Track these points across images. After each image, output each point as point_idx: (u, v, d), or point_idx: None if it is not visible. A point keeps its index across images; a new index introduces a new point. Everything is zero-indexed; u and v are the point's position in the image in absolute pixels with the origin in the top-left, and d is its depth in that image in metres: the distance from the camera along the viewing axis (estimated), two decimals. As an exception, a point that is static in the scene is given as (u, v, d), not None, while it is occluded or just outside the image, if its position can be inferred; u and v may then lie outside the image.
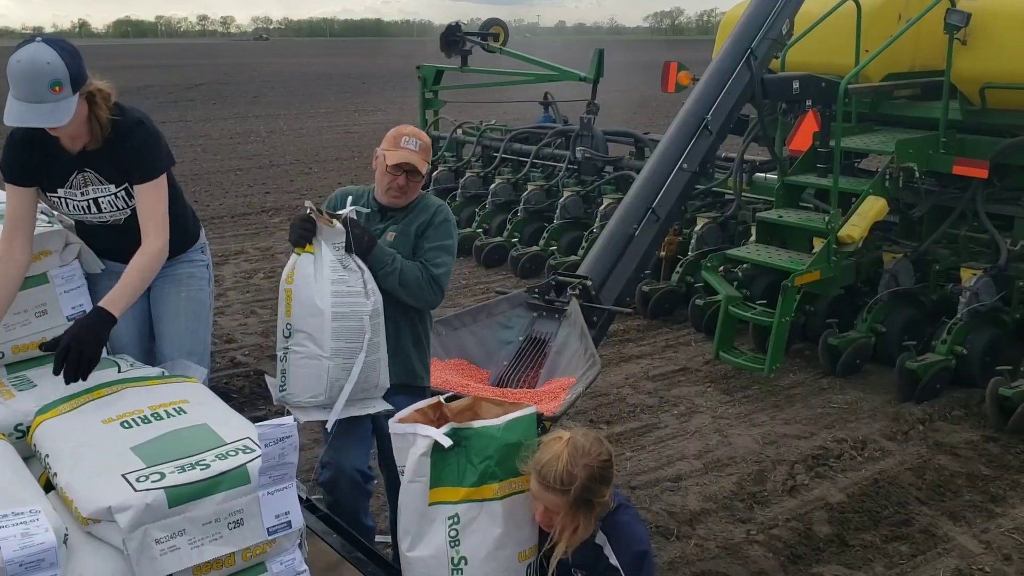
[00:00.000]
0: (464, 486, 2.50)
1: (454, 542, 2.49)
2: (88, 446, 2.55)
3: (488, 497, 2.52)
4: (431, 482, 2.52)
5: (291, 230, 3.49)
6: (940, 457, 5.51)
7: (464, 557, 2.50)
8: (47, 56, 3.08)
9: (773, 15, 6.46)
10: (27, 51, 3.08)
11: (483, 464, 2.52)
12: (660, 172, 5.79)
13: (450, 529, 2.50)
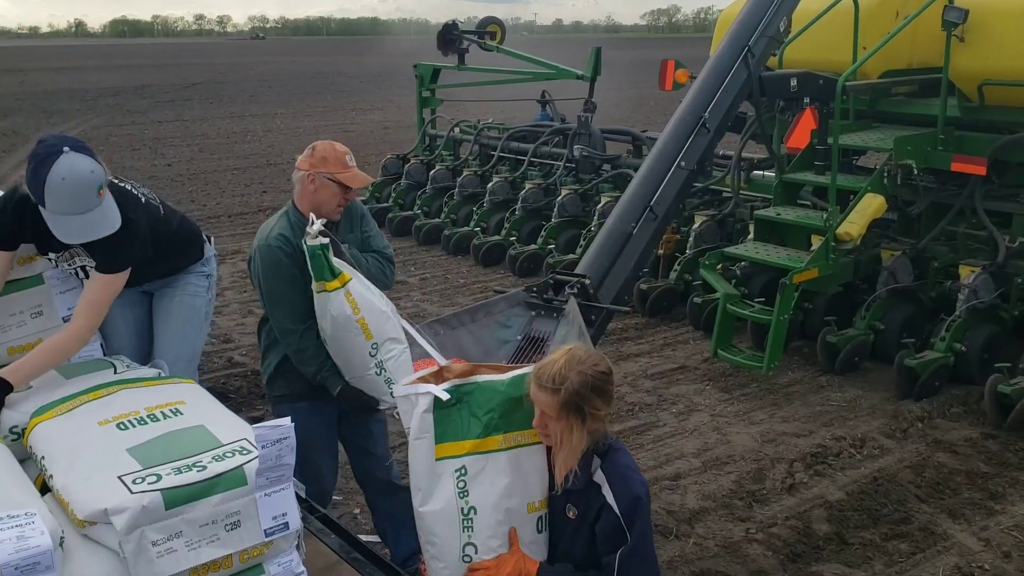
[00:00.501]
0: (469, 439, 2.55)
1: (462, 493, 2.53)
2: (84, 448, 2.53)
3: (493, 448, 2.56)
4: (436, 438, 2.57)
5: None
6: (939, 455, 5.50)
7: (473, 507, 2.53)
8: (88, 165, 3.04)
9: (771, 12, 6.43)
10: (65, 166, 3.00)
11: (487, 416, 2.58)
12: (658, 170, 5.76)
13: (458, 481, 2.54)
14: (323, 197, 3.72)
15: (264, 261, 3.69)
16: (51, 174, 2.98)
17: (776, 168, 7.59)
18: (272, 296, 3.73)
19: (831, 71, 6.97)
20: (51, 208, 3.01)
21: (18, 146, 19.60)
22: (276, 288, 3.71)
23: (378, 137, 20.77)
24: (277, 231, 3.72)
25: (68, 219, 3.03)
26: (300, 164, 3.76)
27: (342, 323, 3.56)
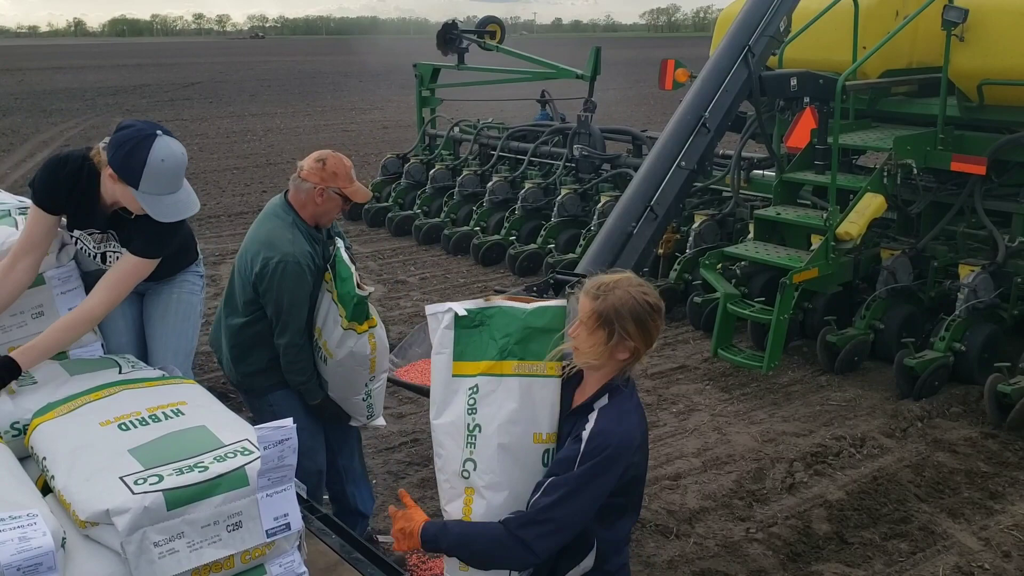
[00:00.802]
0: (485, 360, 2.62)
1: (471, 410, 2.60)
2: (86, 448, 2.53)
3: (506, 373, 2.61)
4: (455, 355, 2.65)
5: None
6: (939, 454, 5.50)
7: (479, 424, 2.59)
8: (180, 148, 3.18)
9: (771, 12, 6.45)
10: (164, 149, 3.11)
11: (503, 340, 2.63)
12: (658, 170, 5.78)
13: (469, 398, 2.61)
14: (328, 208, 3.88)
15: (288, 274, 3.75)
16: (151, 156, 3.08)
17: (776, 167, 7.60)
18: (289, 309, 3.80)
19: (831, 71, 6.97)
20: (146, 189, 3.12)
21: (17, 145, 19.60)
22: (295, 303, 3.79)
23: (378, 136, 20.77)
24: (301, 247, 3.80)
25: (163, 199, 3.15)
26: (309, 176, 3.82)
27: (358, 359, 3.81)
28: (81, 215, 3.42)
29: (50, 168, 3.34)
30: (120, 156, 3.12)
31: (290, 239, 3.80)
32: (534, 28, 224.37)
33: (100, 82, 40.56)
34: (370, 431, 5.75)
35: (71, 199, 3.34)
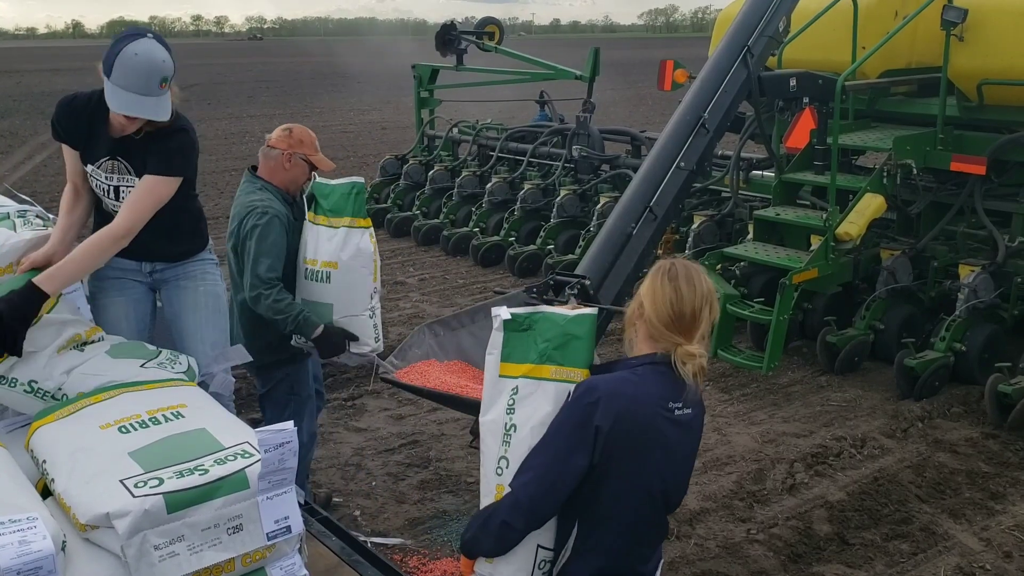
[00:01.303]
0: (527, 363, 2.72)
1: (510, 410, 2.68)
2: (86, 451, 2.52)
3: (545, 377, 2.68)
4: (503, 356, 2.75)
5: None
6: (940, 454, 5.50)
7: (515, 424, 2.66)
8: (161, 54, 3.28)
9: (770, 12, 6.43)
10: (143, 46, 3.24)
11: (543, 344, 2.71)
12: (657, 171, 5.76)
13: (510, 399, 2.69)
14: (295, 175, 4.20)
15: (259, 224, 4.03)
16: (127, 48, 3.22)
17: (775, 168, 7.59)
18: (260, 253, 4.02)
19: (830, 71, 6.97)
20: (115, 81, 3.25)
21: (15, 148, 19.58)
22: (265, 247, 4.02)
23: (376, 137, 20.77)
24: (272, 202, 4.10)
25: (125, 93, 3.26)
26: (277, 143, 4.16)
27: (364, 258, 4.06)
28: (92, 146, 3.55)
29: (62, 102, 3.55)
30: (108, 49, 3.28)
31: (260, 197, 4.11)
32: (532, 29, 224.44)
33: (98, 84, 40.39)
34: (368, 433, 5.75)
35: (81, 130, 3.51)
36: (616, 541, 2.58)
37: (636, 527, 2.58)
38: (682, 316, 2.51)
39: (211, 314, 3.88)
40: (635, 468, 2.51)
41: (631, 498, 2.54)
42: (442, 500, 5.02)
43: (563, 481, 2.49)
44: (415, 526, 4.78)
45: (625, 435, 2.46)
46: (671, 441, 2.54)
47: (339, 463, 5.43)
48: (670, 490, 2.61)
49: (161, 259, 3.82)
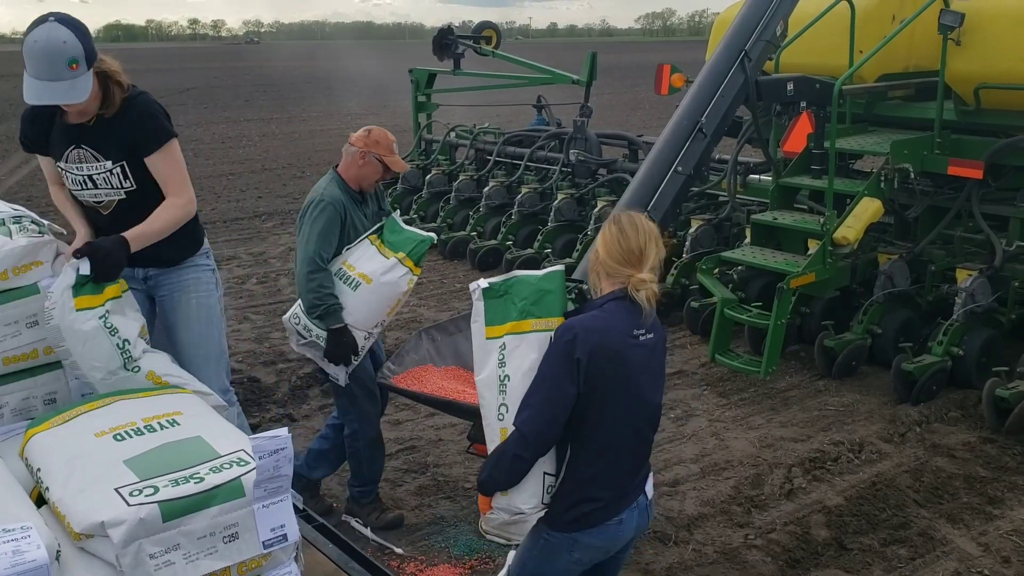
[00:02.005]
0: (509, 321, 3.05)
1: (501, 364, 3.01)
2: (80, 460, 2.50)
3: (527, 330, 3.01)
4: (486, 322, 3.08)
5: None
6: (937, 459, 5.49)
7: (508, 375, 2.99)
8: (63, 35, 3.21)
9: (767, 17, 6.44)
10: (42, 31, 3.19)
11: (521, 303, 3.05)
12: (655, 175, 5.76)
13: (500, 354, 3.02)
14: (367, 172, 4.45)
15: (315, 210, 4.34)
16: (28, 36, 3.23)
17: (773, 172, 7.59)
18: (310, 236, 4.32)
19: (827, 75, 6.97)
20: (27, 72, 3.26)
21: (12, 152, 19.53)
22: (316, 232, 4.31)
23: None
24: (335, 194, 4.39)
25: (36, 83, 3.26)
26: (355, 141, 4.47)
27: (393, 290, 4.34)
28: (56, 143, 3.60)
29: (23, 114, 3.62)
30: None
31: (328, 189, 4.41)
32: (529, 32, 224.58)
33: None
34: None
35: (42, 132, 3.58)
36: (602, 455, 2.92)
37: (618, 441, 2.93)
38: (631, 252, 2.93)
39: (204, 327, 3.89)
40: (612, 389, 2.87)
41: (612, 415, 2.89)
42: (439, 506, 5.01)
43: (559, 410, 2.85)
44: (412, 532, 4.76)
45: (602, 363, 2.84)
46: (641, 363, 2.93)
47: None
48: (647, 405, 2.98)
49: (155, 264, 3.82)
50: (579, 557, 2.99)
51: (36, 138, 3.63)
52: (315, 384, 6.61)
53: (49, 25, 3.21)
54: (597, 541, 2.98)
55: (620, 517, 2.97)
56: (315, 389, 6.55)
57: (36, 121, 3.58)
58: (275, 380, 6.69)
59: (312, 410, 6.22)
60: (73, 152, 3.57)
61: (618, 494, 2.97)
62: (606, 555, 3.05)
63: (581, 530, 2.94)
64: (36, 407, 3.25)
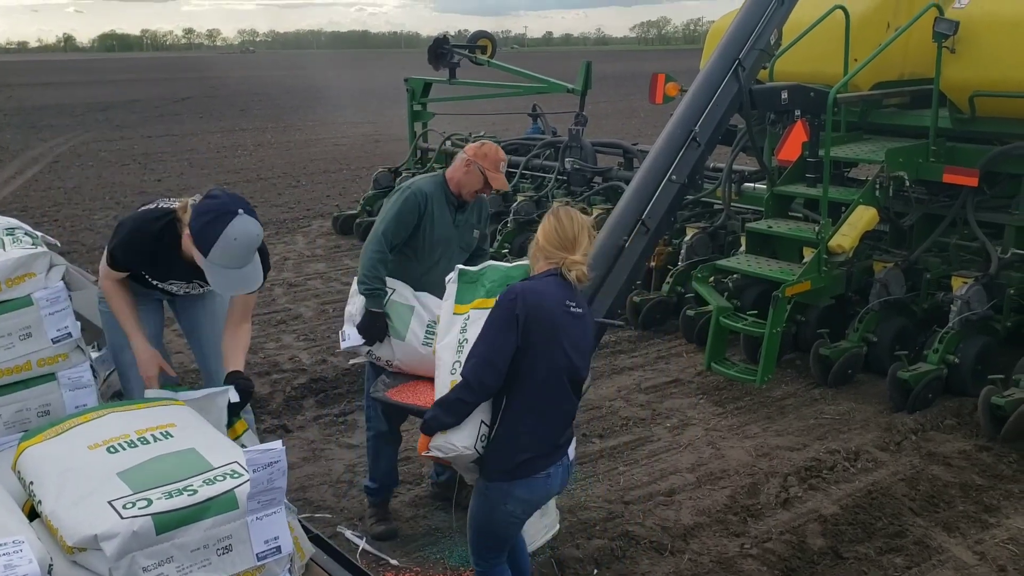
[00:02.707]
0: (476, 299, 3.60)
1: (463, 331, 3.55)
2: (73, 472, 2.50)
3: (490, 307, 3.42)
4: (456, 300, 3.66)
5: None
6: (933, 467, 5.48)
7: (467, 339, 3.49)
8: (256, 228, 3.41)
9: (761, 25, 6.45)
10: (239, 228, 3.34)
11: (490, 285, 3.61)
12: (649, 184, 5.77)
13: (463, 324, 3.58)
14: (469, 181, 4.58)
15: (400, 195, 4.56)
16: (226, 232, 3.32)
17: (767, 180, 7.60)
18: (387, 216, 4.53)
19: (822, 83, 6.99)
20: (214, 260, 3.37)
21: (6, 163, 19.53)
22: (393, 213, 4.50)
23: (369, 150, 20.76)
24: (428, 188, 4.57)
25: (227, 272, 3.40)
26: (467, 149, 4.63)
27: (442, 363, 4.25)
28: (163, 270, 3.73)
29: (130, 240, 3.61)
30: (199, 224, 3.36)
31: (423, 179, 4.65)
32: (525, 41, 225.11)
33: (90, 98, 40.50)
34: (360, 450, 5.73)
35: (143, 263, 3.66)
36: (532, 410, 3.33)
37: (546, 396, 3.35)
38: (565, 238, 3.41)
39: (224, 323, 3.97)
40: (544, 345, 3.29)
41: (542, 370, 3.31)
42: (434, 517, 4.99)
43: (499, 357, 3.27)
44: (407, 543, 4.75)
45: (537, 320, 3.28)
46: (571, 328, 3.39)
47: (331, 480, 5.40)
48: (573, 368, 3.40)
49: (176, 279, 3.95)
50: (512, 509, 3.41)
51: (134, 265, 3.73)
52: (310, 395, 6.59)
53: (242, 220, 3.36)
54: (527, 494, 3.40)
55: (548, 471, 3.39)
56: (309, 400, 6.53)
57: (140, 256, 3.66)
58: (269, 391, 6.67)
59: (307, 421, 6.20)
60: (183, 284, 3.82)
61: (546, 450, 3.38)
62: (535, 508, 3.55)
63: (513, 480, 3.35)
64: (30, 419, 3.25)
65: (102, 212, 13.66)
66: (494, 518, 3.45)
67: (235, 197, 3.50)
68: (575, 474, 5.36)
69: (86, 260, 9.56)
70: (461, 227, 4.68)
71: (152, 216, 3.64)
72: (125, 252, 3.64)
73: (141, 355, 3.69)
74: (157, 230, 3.58)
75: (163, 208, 3.69)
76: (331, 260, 10.68)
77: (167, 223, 3.58)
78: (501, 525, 3.48)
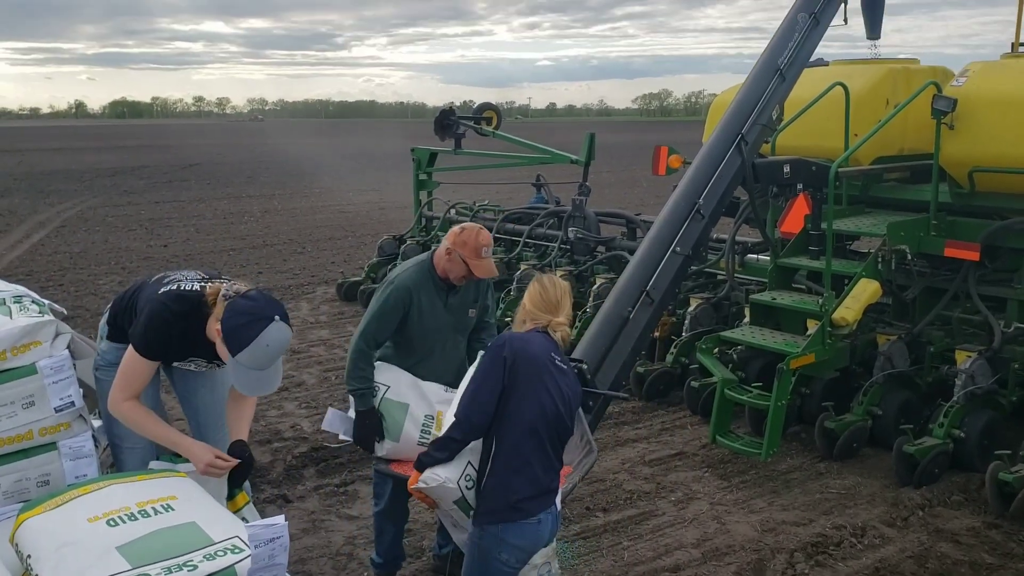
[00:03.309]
0: None
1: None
2: (72, 546, 2.47)
3: None
4: None
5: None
6: (942, 545, 5.40)
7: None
8: (288, 335, 3.47)
9: (763, 101, 6.57)
10: (274, 335, 3.40)
11: None
12: (653, 255, 5.81)
13: None
14: (452, 268, 4.51)
15: (386, 291, 4.51)
16: (259, 338, 3.37)
17: (770, 252, 7.63)
18: (372, 313, 4.50)
19: (823, 157, 7.06)
20: (242, 361, 3.39)
21: (13, 227, 19.68)
22: (378, 311, 4.49)
23: (374, 217, 20.92)
24: (411, 280, 4.51)
25: (250, 372, 3.42)
26: (447, 237, 4.54)
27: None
28: (187, 350, 3.74)
29: (158, 327, 3.58)
30: (232, 324, 3.38)
31: (407, 271, 4.57)
32: (529, 112, 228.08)
33: (99, 163, 40.97)
34: (360, 521, 5.66)
35: (172, 348, 3.67)
36: (518, 453, 3.48)
37: (532, 439, 3.50)
38: (549, 302, 3.74)
39: (221, 394, 3.99)
40: (529, 384, 3.51)
41: (528, 409, 3.49)
42: (436, 590, 4.91)
43: (486, 396, 3.50)
44: (408, 618, 4.66)
45: (523, 362, 3.53)
46: (556, 376, 3.61)
47: (330, 552, 5.32)
48: (559, 413, 3.57)
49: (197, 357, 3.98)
50: (507, 558, 3.50)
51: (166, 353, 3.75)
52: (310, 464, 6.54)
53: (277, 327, 3.41)
54: (520, 540, 3.50)
55: (539, 517, 3.51)
56: (310, 469, 6.48)
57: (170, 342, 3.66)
58: (270, 459, 6.62)
59: (307, 491, 6.14)
60: (203, 363, 3.84)
61: (534, 493, 3.50)
62: (529, 556, 3.55)
63: (506, 522, 3.47)
64: (29, 489, 3.22)
65: (107, 277, 13.71)
66: (488, 569, 3.53)
67: (271, 302, 3.52)
68: (579, 548, 5.29)
69: (90, 325, 9.57)
70: (455, 309, 4.61)
71: (175, 296, 3.60)
72: (158, 337, 3.58)
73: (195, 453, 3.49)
74: (182, 318, 3.57)
75: (186, 290, 3.64)
76: (335, 327, 10.68)
77: (193, 307, 3.56)
78: (495, 573, 3.55)
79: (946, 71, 7.97)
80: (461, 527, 3.68)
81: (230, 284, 3.62)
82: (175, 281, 3.73)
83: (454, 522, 3.70)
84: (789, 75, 6.81)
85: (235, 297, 3.48)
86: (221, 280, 3.76)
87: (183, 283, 3.69)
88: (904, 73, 7.81)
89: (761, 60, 6.90)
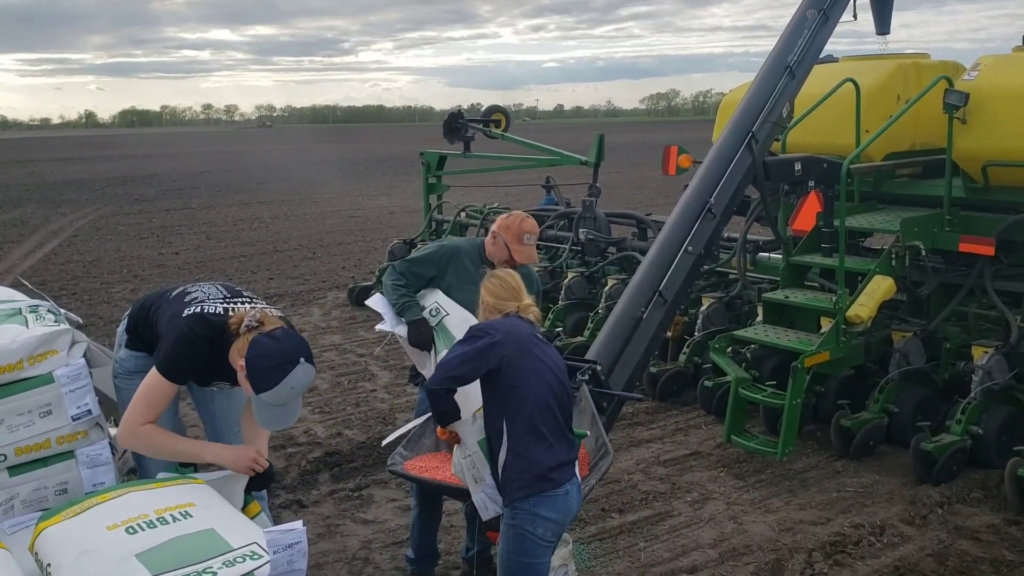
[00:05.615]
0: None
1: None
2: (91, 555, 2.47)
3: None
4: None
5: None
6: (961, 542, 5.36)
7: None
8: (312, 375, 3.47)
9: (773, 99, 6.54)
10: (298, 377, 3.38)
11: None
12: (666, 255, 5.79)
13: None
14: (495, 252, 4.76)
15: (432, 245, 4.95)
16: (285, 380, 3.35)
17: (783, 250, 7.60)
18: (416, 255, 4.89)
19: (834, 154, 7.03)
20: (265, 398, 3.38)
21: (26, 236, 19.78)
22: (419, 256, 4.87)
23: (384, 222, 20.95)
24: (462, 244, 4.93)
25: (272, 407, 3.41)
26: (496, 221, 4.80)
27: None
28: (210, 375, 3.73)
29: (184, 350, 3.54)
30: (258, 366, 3.35)
31: (462, 241, 5.04)
32: (536, 114, 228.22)
33: (109, 172, 41.16)
34: (376, 526, 5.66)
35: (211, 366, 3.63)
36: (530, 427, 3.53)
37: (540, 409, 3.56)
38: (509, 288, 3.85)
39: (238, 400, 3.96)
40: (523, 359, 3.58)
41: (529, 382, 3.57)
42: (454, 594, 4.90)
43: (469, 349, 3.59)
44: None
45: (514, 342, 3.59)
46: (546, 349, 3.74)
47: (346, 557, 5.32)
48: (560, 382, 3.70)
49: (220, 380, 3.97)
50: (543, 532, 3.53)
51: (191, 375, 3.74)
52: (324, 469, 6.54)
53: (303, 369, 3.40)
54: (552, 514, 3.53)
55: (565, 488, 3.56)
56: (325, 474, 6.48)
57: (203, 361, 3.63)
58: (284, 464, 6.63)
59: (322, 496, 6.14)
60: (226, 385, 3.85)
61: (556, 463, 3.55)
62: (562, 529, 3.62)
63: (536, 495, 3.49)
64: (48, 497, 3.22)
65: (120, 285, 13.76)
66: (525, 547, 3.54)
67: (296, 343, 3.45)
68: (595, 550, 5.27)
69: (104, 333, 9.60)
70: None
71: (199, 318, 3.56)
72: (183, 359, 3.54)
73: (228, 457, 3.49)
74: (208, 336, 3.53)
75: (210, 314, 3.58)
76: (346, 332, 10.69)
77: (218, 332, 3.52)
78: (533, 554, 3.56)
79: (957, 65, 7.93)
80: (481, 479, 3.75)
81: (253, 310, 3.55)
82: (198, 302, 3.65)
83: (475, 475, 3.76)
84: (799, 72, 6.79)
85: (259, 331, 3.42)
86: (243, 299, 3.72)
87: (207, 305, 3.62)
88: (914, 68, 7.77)
89: (770, 58, 6.89)
